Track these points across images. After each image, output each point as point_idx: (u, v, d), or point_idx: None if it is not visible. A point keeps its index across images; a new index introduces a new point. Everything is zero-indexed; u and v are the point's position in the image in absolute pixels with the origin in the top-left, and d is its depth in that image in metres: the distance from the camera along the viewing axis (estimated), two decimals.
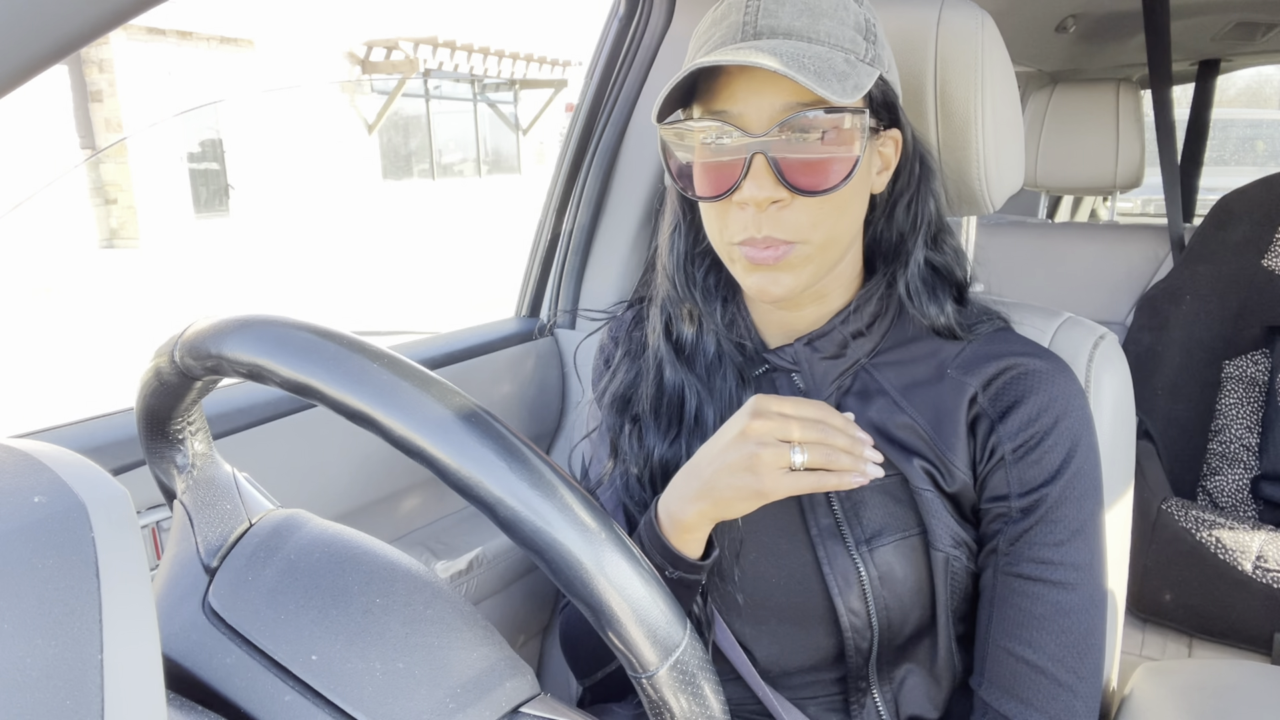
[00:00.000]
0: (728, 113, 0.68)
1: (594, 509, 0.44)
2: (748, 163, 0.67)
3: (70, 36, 0.42)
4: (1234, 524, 1.44)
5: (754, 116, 0.68)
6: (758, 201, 0.68)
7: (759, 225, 0.69)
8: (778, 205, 0.69)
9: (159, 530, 0.91)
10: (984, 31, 0.81)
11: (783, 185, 0.67)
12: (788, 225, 0.69)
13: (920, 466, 0.74)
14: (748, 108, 0.68)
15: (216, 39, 11.18)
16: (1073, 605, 0.72)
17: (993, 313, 0.80)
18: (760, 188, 0.67)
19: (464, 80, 15.41)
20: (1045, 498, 0.72)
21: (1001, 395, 0.74)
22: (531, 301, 1.52)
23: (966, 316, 0.79)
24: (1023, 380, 0.74)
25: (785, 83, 0.67)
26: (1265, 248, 1.65)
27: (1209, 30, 2.23)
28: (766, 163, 0.67)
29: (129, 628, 0.38)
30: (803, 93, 0.67)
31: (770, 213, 0.69)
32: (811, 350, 0.79)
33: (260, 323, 0.48)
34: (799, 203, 0.69)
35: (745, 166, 0.67)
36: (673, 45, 1.38)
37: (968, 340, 0.78)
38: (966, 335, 0.78)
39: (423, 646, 0.50)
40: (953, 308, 0.78)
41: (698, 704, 0.45)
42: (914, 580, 0.74)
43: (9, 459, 0.41)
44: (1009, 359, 0.75)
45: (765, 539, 0.77)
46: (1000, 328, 0.79)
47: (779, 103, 0.67)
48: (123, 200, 10.56)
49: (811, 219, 0.69)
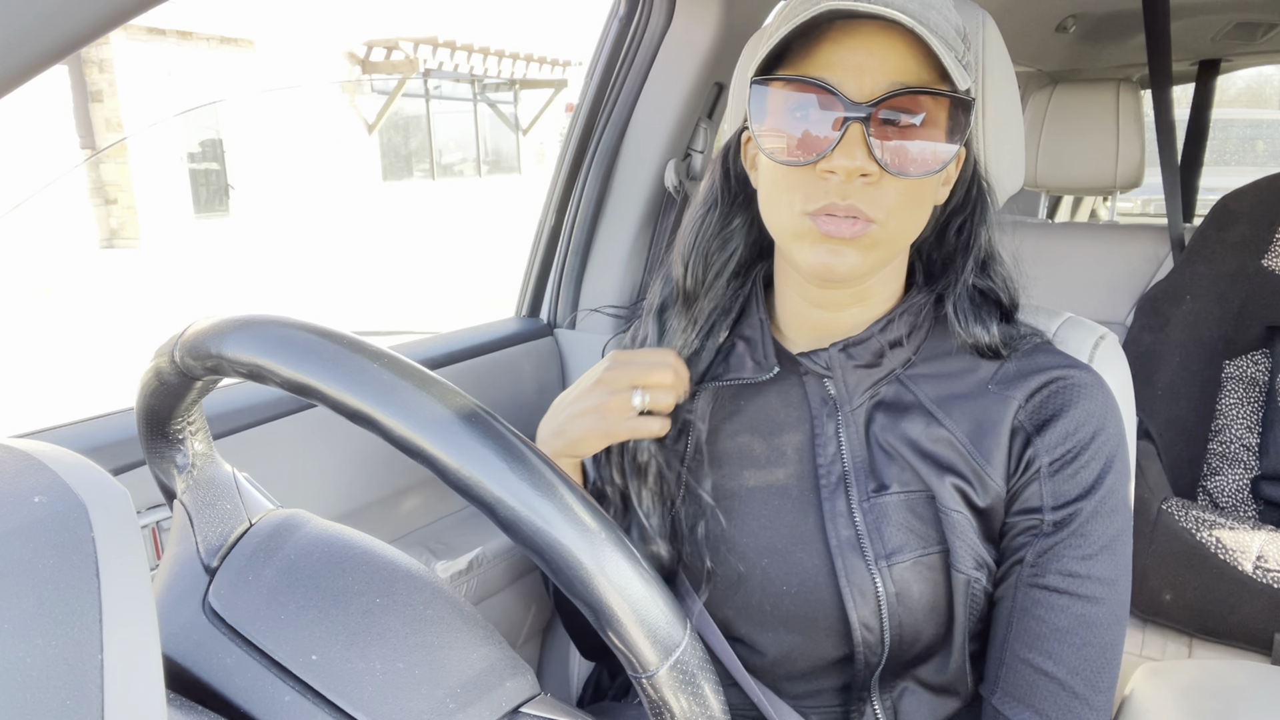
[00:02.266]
0: (827, 79, 0.65)
1: (594, 509, 0.44)
2: (843, 131, 0.65)
3: (70, 36, 0.42)
4: (1234, 524, 1.44)
5: (854, 85, 0.65)
6: (847, 171, 0.65)
7: (845, 193, 0.66)
8: (865, 179, 0.66)
9: (159, 530, 0.91)
10: (984, 31, 0.81)
11: (874, 160, 0.65)
12: (872, 201, 0.67)
13: (953, 484, 0.73)
14: (849, 76, 0.65)
15: (216, 39, 11.18)
16: (1096, 619, 0.71)
17: (1033, 330, 0.79)
18: (851, 157, 0.65)
19: (464, 80, 15.41)
20: (1079, 512, 0.71)
21: (1042, 408, 0.73)
22: (532, 301, 1.52)
23: (1009, 335, 0.77)
24: (1063, 393, 0.73)
25: (892, 59, 0.65)
26: (1265, 248, 1.65)
27: (1209, 30, 2.23)
28: (863, 135, 0.65)
29: (129, 628, 0.38)
30: (907, 72, 0.65)
31: (856, 184, 0.66)
32: (846, 356, 0.77)
33: (260, 323, 0.48)
34: (886, 182, 0.67)
35: (840, 134, 0.65)
36: (673, 45, 1.38)
37: (1007, 358, 0.77)
38: (1008, 353, 0.76)
39: (423, 646, 0.50)
40: (998, 328, 0.76)
41: (698, 704, 0.45)
42: (930, 598, 0.73)
43: (9, 459, 0.41)
44: (1052, 371, 0.74)
45: (780, 545, 0.76)
46: (1039, 344, 0.78)
47: (884, 78, 0.65)
48: (123, 200, 10.56)
49: (893, 202, 0.67)
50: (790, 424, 0.79)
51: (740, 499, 0.78)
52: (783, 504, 0.77)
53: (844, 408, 0.77)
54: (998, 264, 0.78)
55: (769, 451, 0.79)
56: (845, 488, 0.75)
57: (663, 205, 1.50)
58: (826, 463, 0.76)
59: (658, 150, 1.43)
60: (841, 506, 0.75)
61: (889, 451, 0.75)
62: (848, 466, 0.75)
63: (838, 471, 0.76)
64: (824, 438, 0.77)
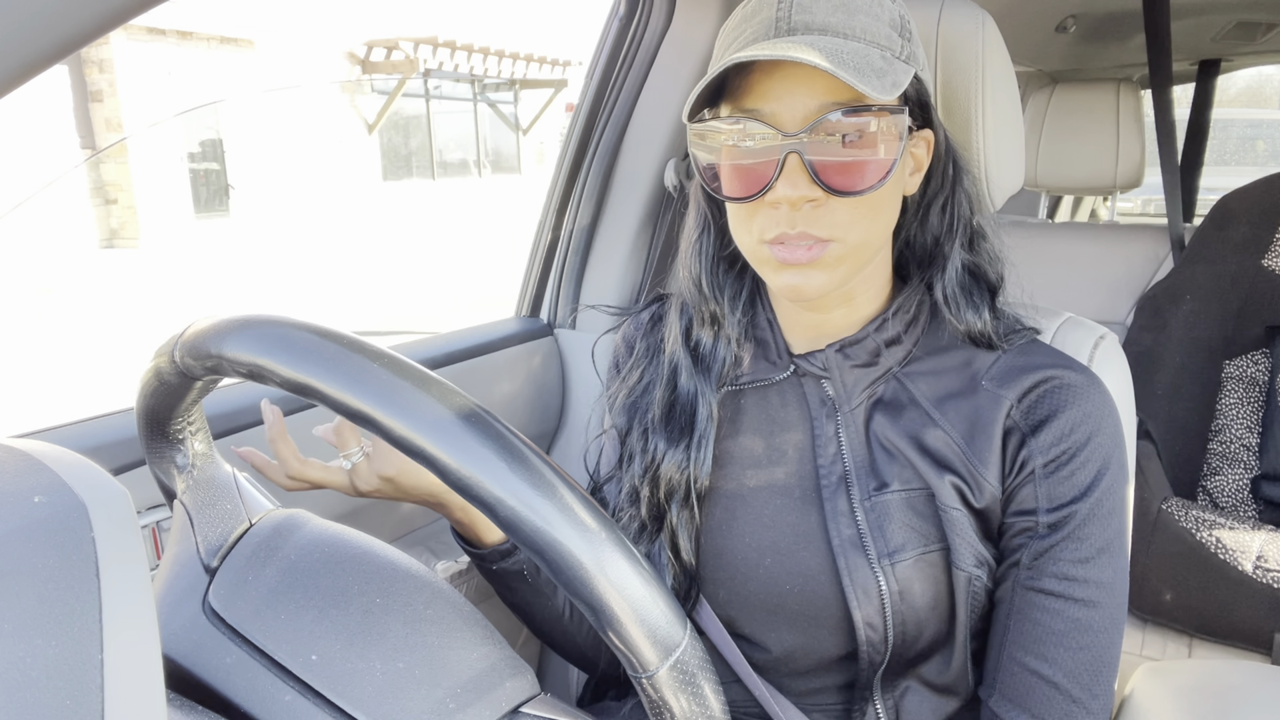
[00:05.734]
0: (759, 111, 0.67)
1: (594, 509, 0.44)
2: (781, 162, 0.66)
3: (70, 36, 0.42)
4: (1234, 524, 1.44)
5: (787, 115, 0.66)
6: (791, 201, 0.66)
7: (793, 222, 0.67)
8: (812, 204, 0.67)
9: (159, 530, 0.91)
10: (984, 31, 0.81)
11: (817, 185, 0.66)
12: (822, 223, 0.68)
13: (951, 483, 0.73)
14: (781, 106, 0.66)
15: (216, 39, 11.18)
16: (1093, 623, 0.71)
17: (1024, 324, 0.79)
18: (794, 187, 0.66)
19: (464, 80, 15.41)
20: (1074, 514, 0.71)
21: (1035, 408, 0.73)
22: (532, 301, 1.52)
23: (1001, 326, 0.77)
24: (1058, 393, 0.73)
25: (819, 81, 0.66)
26: (1265, 248, 1.65)
27: (1209, 30, 2.23)
28: (801, 162, 0.65)
29: (129, 628, 0.38)
30: (837, 91, 0.65)
31: (804, 211, 0.67)
32: (843, 357, 0.77)
33: (260, 323, 0.48)
34: (833, 202, 0.68)
35: (779, 166, 0.66)
36: (673, 45, 1.38)
37: (1001, 351, 0.77)
38: (1002, 344, 0.76)
39: (423, 646, 0.50)
40: (990, 315, 0.76)
41: (698, 704, 0.45)
42: (932, 595, 0.73)
43: (9, 459, 0.41)
44: (1045, 371, 0.74)
45: (783, 544, 0.76)
46: (1032, 339, 0.78)
47: (813, 102, 0.66)
48: (123, 200, 10.55)
49: (846, 219, 0.68)
50: (790, 424, 0.79)
51: (742, 499, 0.78)
52: (785, 504, 0.77)
53: (843, 408, 0.77)
54: (984, 240, 0.78)
55: (770, 452, 0.79)
56: (846, 487, 0.75)
57: (663, 205, 1.50)
58: (827, 463, 0.76)
59: (658, 150, 1.43)
60: (843, 506, 0.75)
61: (889, 450, 0.75)
62: (848, 466, 0.76)
63: (839, 471, 0.76)
64: (824, 438, 0.77)
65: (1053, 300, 0.88)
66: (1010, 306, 0.80)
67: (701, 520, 0.79)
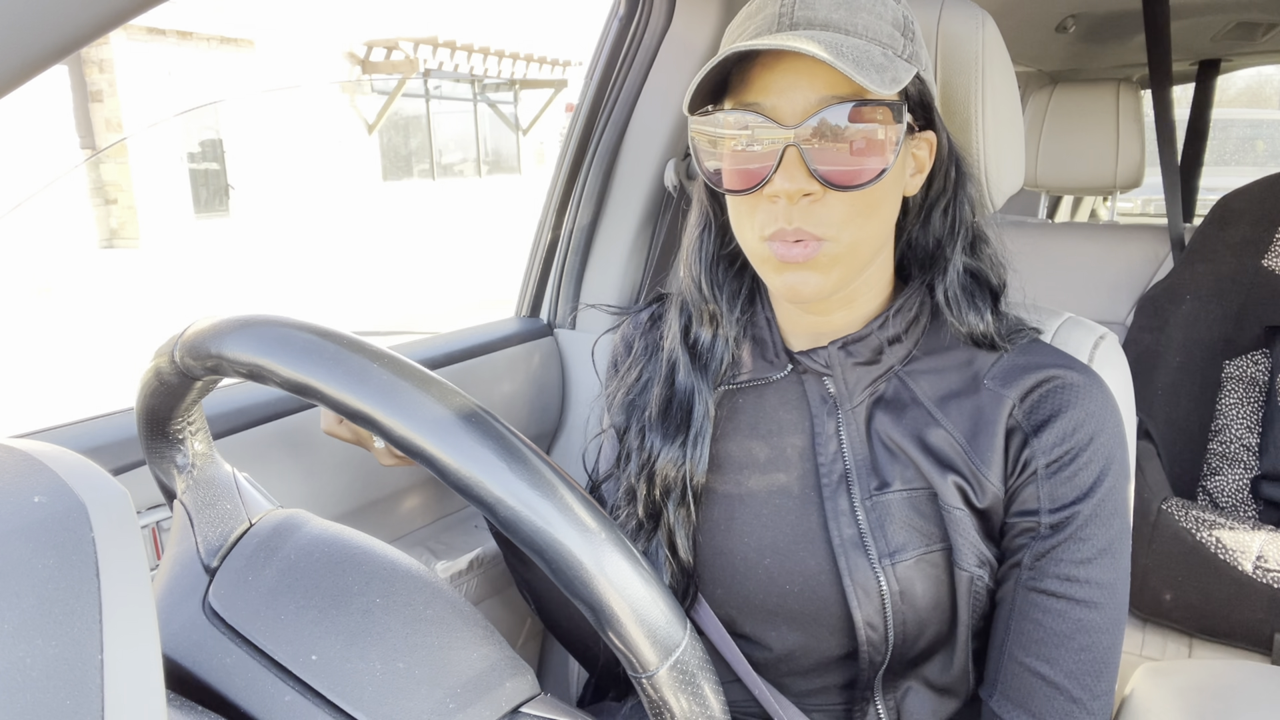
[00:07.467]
0: (760, 105, 0.67)
1: (594, 509, 0.44)
2: (780, 155, 0.66)
3: (70, 36, 0.42)
4: (1234, 524, 1.44)
5: (787, 109, 0.66)
6: (788, 194, 0.66)
7: (790, 217, 0.68)
8: (809, 199, 0.67)
9: (159, 530, 0.91)
10: (984, 31, 0.81)
11: (814, 178, 0.66)
12: (818, 220, 0.68)
13: (954, 482, 0.73)
14: (781, 100, 0.66)
15: (216, 39, 11.17)
16: (1094, 624, 0.71)
17: (1026, 323, 0.79)
18: (791, 180, 0.66)
19: (464, 80, 15.41)
20: (1076, 515, 0.71)
21: (1038, 408, 0.73)
22: (532, 301, 1.52)
23: (1003, 326, 0.78)
24: (1060, 393, 0.73)
25: (820, 75, 0.66)
26: (1265, 248, 1.65)
27: (1209, 30, 2.23)
28: (799, 156, 0.66)
29: (129, 628, 0.38)
30: (837, 85, 0.66)
31: (801, 206, 0.67)
32: (845, 354, 0.77)
33: (260, 323, 0.48)
34: (830, 198, 0.68)
35: (778, 159, 0.66)
36: (673, 45, 1.38)
37: (1004, 351, 0.76)
38: (1004, 345, 0.76)
39: (423, 646, 0.50)
40: (991, 316, 0.76)
41: (698, 704, 0.45)
42: (933, 595, 0.73)
43: (9, 459, 0.41)
44: (1047, 370, 0.74)
45: (783, 544, 0.76)
46: (1034, 339, 0.78)
47: (813, 95, 0.66)
48: (123, 200, 10.55)
49: (842, 216, 0.68)
50: (790, 423, 0.79)
51: (742, 499, 0.78)
52: (785, 503, 0.77)
53: (844, 406, 0.77)
54: (986, 244, 0.78)
55: (770, 451, 0.79)
56: (847, 486, 0.75)
57: (662, 205, 1.50)
58: (828, 461, 0.76)
59: (658, 150, 1.43)
60: (844, 505, 0.75)
61: (891, 449, 0.75)
62: (849, 465, 0.75)
63: (839, 470, 0.76)
64: (824, 436, 0.77)
65: (1053, 300, 0.88)
66: (1010, 307, 0.80)
67: (700, 519, 0.79)
